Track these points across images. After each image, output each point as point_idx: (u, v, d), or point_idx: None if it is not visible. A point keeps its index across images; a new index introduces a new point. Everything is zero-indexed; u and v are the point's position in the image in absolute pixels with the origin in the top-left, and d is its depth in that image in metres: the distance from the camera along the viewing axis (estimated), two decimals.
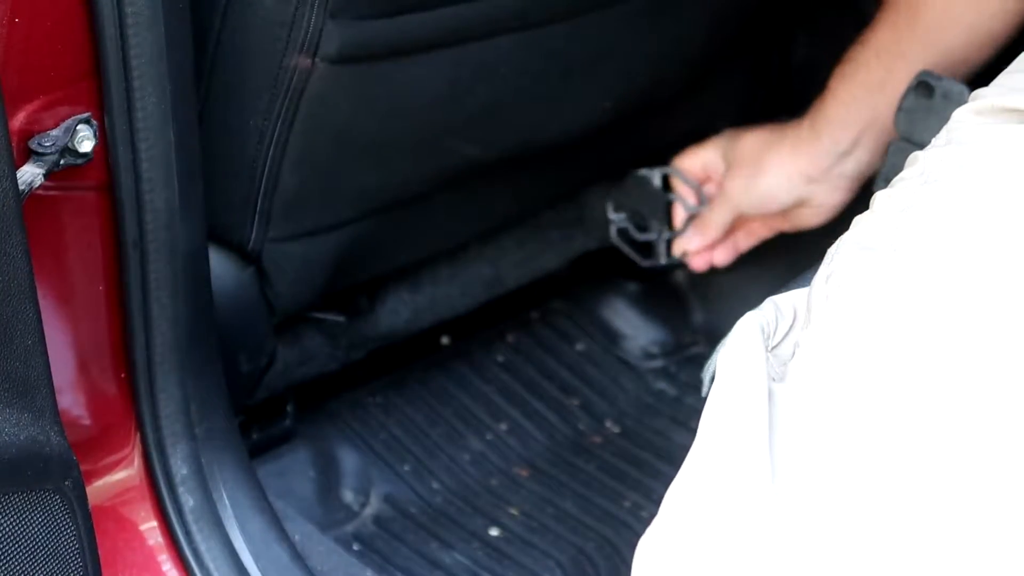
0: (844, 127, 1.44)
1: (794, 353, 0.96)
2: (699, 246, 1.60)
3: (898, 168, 1.04)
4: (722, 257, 1.62)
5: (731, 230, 1.60)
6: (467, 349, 1.73)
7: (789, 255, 1.57)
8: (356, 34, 1.23)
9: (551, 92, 1.45)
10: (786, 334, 0.98)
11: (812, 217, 1.52)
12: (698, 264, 1.63)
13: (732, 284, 1.79)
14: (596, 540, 1.54)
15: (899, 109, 1.36)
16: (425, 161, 1.42)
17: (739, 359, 0.93)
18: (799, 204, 1.51)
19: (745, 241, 1.61)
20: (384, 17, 1.24)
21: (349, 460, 1.58)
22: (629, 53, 1.47)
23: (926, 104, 1.34)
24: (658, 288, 1.81)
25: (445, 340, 1.73)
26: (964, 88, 1.33)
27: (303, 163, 1.30)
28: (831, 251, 0.99)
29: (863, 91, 1.42)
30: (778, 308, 0.99)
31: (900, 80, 1.39)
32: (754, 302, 1.01)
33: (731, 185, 1.54)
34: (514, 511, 1.58)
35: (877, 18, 1.42)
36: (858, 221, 1.01)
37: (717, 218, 1.57)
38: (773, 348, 0.96)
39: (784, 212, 1.53)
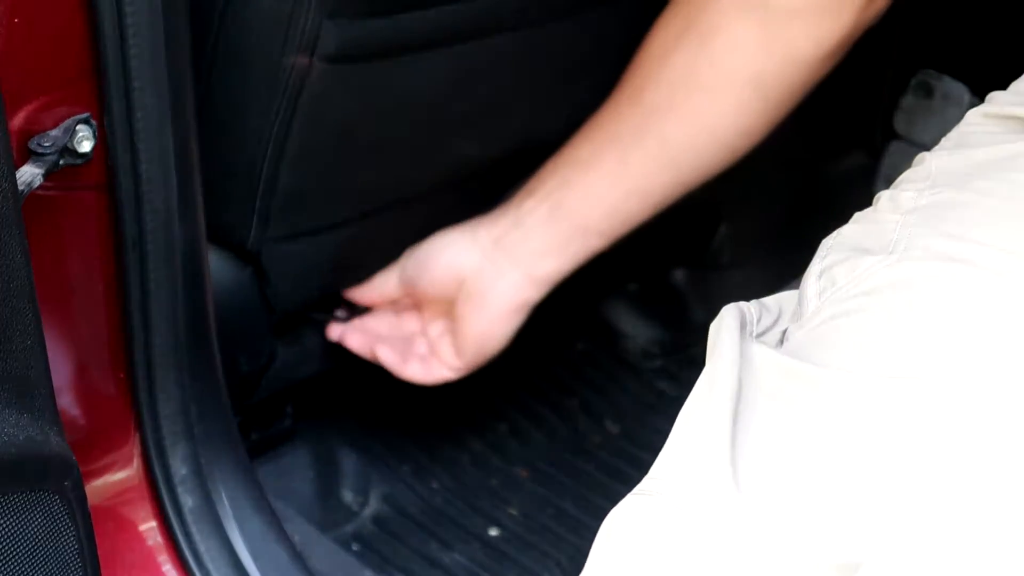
0: (519, 199, 1.35)
1: (782, 341, 0.96)
2: (357, 298, 1.43)
3: (896, 167, 1.04)
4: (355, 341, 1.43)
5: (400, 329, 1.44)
6: None
7: (789, 255, 1.57)
8: (354, 33, 1.23)
9: (550, 91, 1.45)
10: (771, 326, 0.97)
11: (481, 326, 1.37)
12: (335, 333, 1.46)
13: (732, 284, 1.79)
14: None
15: (898, 108, 1.37)
16: (424, 160, 1.42)
17: (712, 336, 0.93)
18: (470, 287, 1.37)
19: (414, 368, 1.42)
20: (381, 16, 1.24)
21: (348, 460, 1.58)
22: (629, 52, 1.47)
23: (925, 104, 1.35)
24: (658, 288, 1.81)
25: None
26: (964, 88, 1.33)
27: (302, 163, 1.30)
28: (826, 243, 0.99)
29: (564, 168, 1.33)
30: (763, 305, 0.99)
31: (606, 166, 1.30)
32: None
33: (409, 254, 1.42)
34: (514, 511, 1.58)
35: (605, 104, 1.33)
36: (858, 218, 1.00)
37: (385, 283, 1.42)
38: (759, 335, 0.96)
39: (457, 306, 1.38)
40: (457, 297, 1.38)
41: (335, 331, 1.46)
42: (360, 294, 1.45)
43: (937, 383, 0.87)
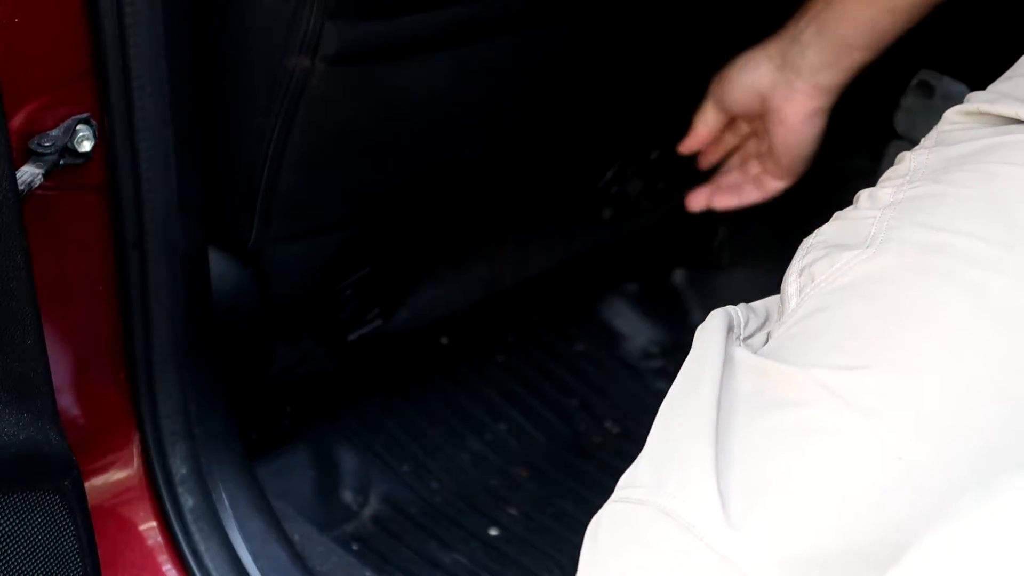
0: (797, 17, 1.44)
1: (767, 342, 0.96)
2: (690, 145, 1.54)
3: None
4: (724, 199, 1.56)
5: (731, 167, 1.56)
6: (467, 349, 1.73)
7: (788, 256, 1.57)
8: (355, 35, 1.23)
9: (550, 91, 1.45)
10: (758, 328, 0.98)
11: (785, 135, 1.48)
12: (696, 201, 1.57)
13: (731, 284, 1.79)
14: None
15: (899, 108, 1.37)
16: (424, 160, 1.42)
17: (699, 339, 0.95)
18: (769, 102, 1.47)
19: (750, 192, 1.55)
20: (383, 18, 1.24)
21: (348, 460, 1.58)
22: (628, 53, 1.47)
23: (926, 104, 1.35)
24: (657, 288, 1.81)
25: (444, 340, 1.73)
26: (964, 88, 1.33)
27: (302, 163, 1.30)
28: (807, 242, 1.00)
29: None
30: (751, 308, 1.00)
31: None
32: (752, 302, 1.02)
33: (716, 80, 1.52)
34: (514, 511, 1.58)
35: None
36: (838, 216, 1.01)
37: (704, 116, 1.53)
38: (747, 339, 0.97)
39: (764, 119, 1.49)
40: (763, 113, 1.47)
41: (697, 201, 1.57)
42: (689, 142, 1.53)
43: (917, 372, 0.88)
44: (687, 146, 1.55)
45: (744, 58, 1.48)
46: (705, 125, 1.54)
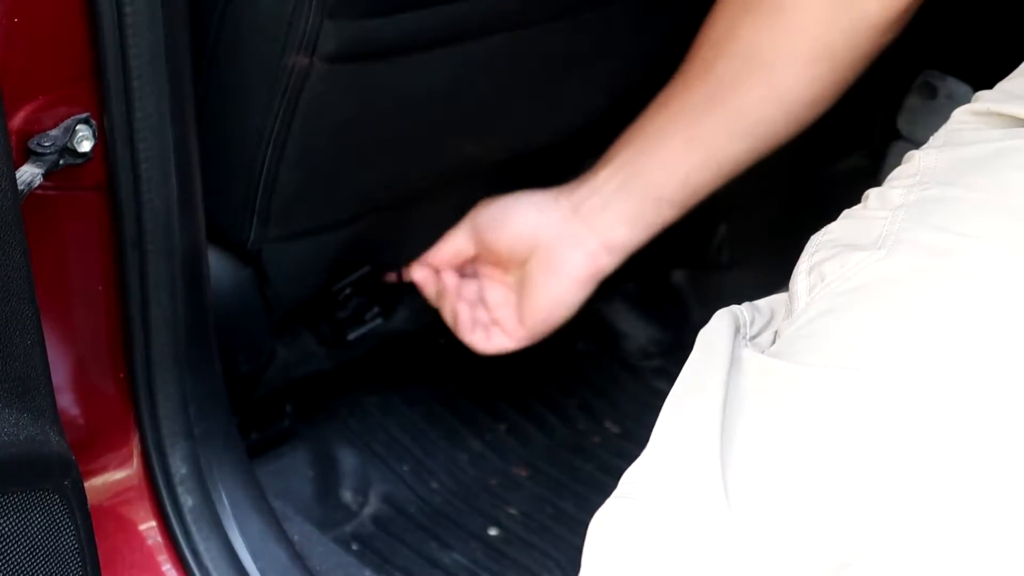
0: (597, 167, 1.36)
1: (774, 340, 0.96)
2: (427, 262, 1.44)
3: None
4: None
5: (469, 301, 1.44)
6: (466, 349, 1.72)
7: (789, 255, 1.57)
8: (354, 33, 1.23)
9: (550, 90, 1.45)
10: (764, 327, 0.98)
11: (548, 292, 1.36)
12: None
13: (731, 284, 1.79)
14: None
15: (902, 109, 1.37)
16: (424, 160, 1.42)
17: (706, 339, 0.95)
18: (545, 252, 1.37)
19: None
20: (382, 16, 1.23)
21: (348, 460, 1.58)
22: (628, 51, 1.47)
23: (929, 104, 1.35)
24: (657, 288, 1.81)
25: (443, 340, 1.73)
26: (968, 88, 1.33)
27: (302, 162, 1.30)
28: (815, 240, 0.99)
29: (639, 139, 1.34)
30: (755, 307, 1.00)
31: (676, 145, 1.31)
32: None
33: (483, 208, 1.42)
34: (513, 511, 1.58)
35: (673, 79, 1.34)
36: (847, 215, 1.01)
37: (456, 239, 1.42)
38: (753, 338, 0.97)
39: (525, 267, 1.38)
40: (529, 262, 1.37)
41: (416, 273, 1.45)
42: (432, 256, 1.44)
43: (928, 379, 0.88)
44: (422, 261, 1.43)
45: (521, 201, 1.38)
46: (453, 251, 1.43)
